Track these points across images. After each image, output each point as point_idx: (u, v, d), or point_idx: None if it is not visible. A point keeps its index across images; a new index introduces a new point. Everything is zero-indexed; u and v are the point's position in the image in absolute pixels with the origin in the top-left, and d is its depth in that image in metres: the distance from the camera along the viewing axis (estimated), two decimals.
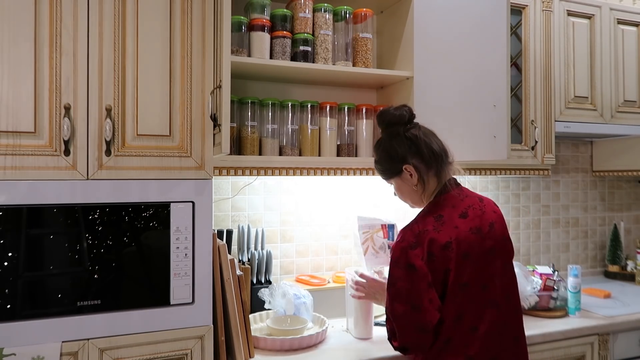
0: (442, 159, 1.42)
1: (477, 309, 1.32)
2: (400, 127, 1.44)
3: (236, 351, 1.49)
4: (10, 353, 1.22)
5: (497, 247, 1.37)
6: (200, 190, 1.42)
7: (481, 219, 1.37)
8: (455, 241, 1.31)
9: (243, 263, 1.86)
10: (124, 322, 1.34)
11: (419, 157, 1.41)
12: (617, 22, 2.32)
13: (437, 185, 1.43)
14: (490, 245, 1.35)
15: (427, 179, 1.42)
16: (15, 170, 1.26)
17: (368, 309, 1.73)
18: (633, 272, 2.58)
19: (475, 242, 1.33)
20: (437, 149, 1.42)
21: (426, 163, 1.41)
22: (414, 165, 1.41)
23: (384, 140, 1.48)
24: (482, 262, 1.33)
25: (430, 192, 1.44)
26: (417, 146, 1.41)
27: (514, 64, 2.11)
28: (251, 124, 1.76)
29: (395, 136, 1.44)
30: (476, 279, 1.32)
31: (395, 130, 1.45)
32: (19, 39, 1.27)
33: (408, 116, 1.45)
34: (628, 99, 2.35)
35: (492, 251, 1.36)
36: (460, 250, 1.31)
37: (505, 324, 1.35)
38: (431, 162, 1.41)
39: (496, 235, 1.38)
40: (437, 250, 1.31)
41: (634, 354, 2.00)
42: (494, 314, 1.33)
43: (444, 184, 1.42)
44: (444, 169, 1.43)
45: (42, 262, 1.27)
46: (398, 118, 1.44)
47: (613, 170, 2.63)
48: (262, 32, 1.72)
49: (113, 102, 1.35)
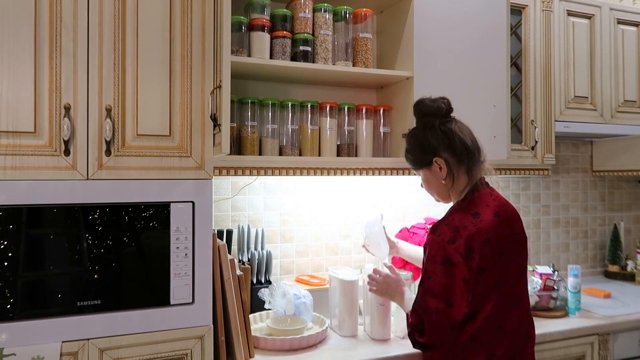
0: (474, 156, 1.40)
1: (505, 307, 1.32)
2: (436, 119, 1.42)
3: (236, 351, 1.49)
4: (10, 353, 1.22)
5: (523, 246, 1.39)
6: (200, 190, 1.42)
7: (512, 220, 1.38)
8: (494, 239, 1.32)
9: (243, 263, 1.86)
10: (124, 322, 1.34)
11: (451, 151, 1.39)
12: (617, 22, 2.32)
13: (467, 183, 1.42)
14: (520, 245, 1.38)
15: (457, 174, 1.40)
16: (15, 170, 1.26)
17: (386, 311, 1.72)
18: (633, 272, 2.58)
19: (509, 241, 1.35)
20: (470, 145, 1.39)
21: (458, 158, 1.39)
22: (444, 158, 1.40)
23: (417, 130, 1.46)
24: (513, 261, 1.35)
25: (459, 189, 1.43)
26: (451, 140, 1.39)
27: (514, 64, 2.11)
28: (251, 124, 1.76)
29: (429, 127, 1.42)
30: (507, 277, 1.33)
31: (430, 121, 1.42)
32: (19, 39, 1.27)
33: (445, 109, 1.42)
34: (628, 99, 2.35)
35: (520, 250, 1.38)
36: (497, 248, 1.32)
37: (528, 324, 1.38)
38: (463, 158, 1.39)
39: (521, 234, 1.40)
40: (477, 246, 1.30)
41: (634, 354, 2.00)
42: (519, 314, 1.35)
43: (475, 182, 1.41)
44: (475, 167, 1.41)
45: (42, 262, 1.27)
46: (435, 110, 1.42)
47: (613, 170, 2.63)
48: (262, 32, 1.72)
49: (113, 102, 1.35)
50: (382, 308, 1.70)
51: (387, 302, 1.70)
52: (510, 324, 1.33)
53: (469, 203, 1.39)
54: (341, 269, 1.82)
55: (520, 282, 1.39)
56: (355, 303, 1.74)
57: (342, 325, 1.74)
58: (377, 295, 1.64)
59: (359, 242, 2.18)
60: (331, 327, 1.80)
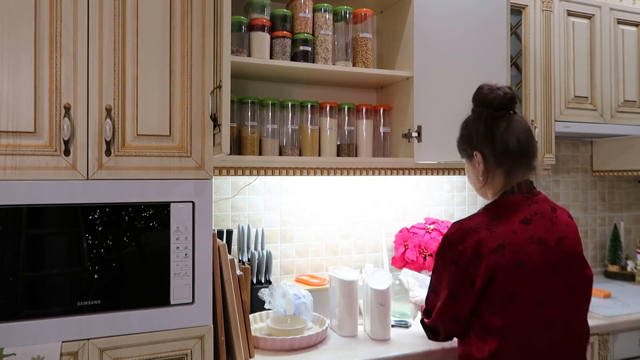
0: (517, 159, 1.29)
1: (531, 327, 1.21)
2: (486, 110, 1.31)
3: (236, 351, 1.49)
4: (10, 353, 1.22)
5: (562, 265, 1.24)
6: (200, 190, 1.42)
7: (548, 231, 1.25)
8: (510, 247, 1.21)
9: (243, 263, 1.86)
10: (124, 322, 1.33)
11: (490, 149, 1.29)
12: (617, 22, 2.33)
13: (504, 185, 1.31)
14: (554, 260, 1.23)
15: (493, 174, 1.31)
16: (15, 170, 1.26)
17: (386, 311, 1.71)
18: (633, 272, 2.58)
19: (535, 252, 1.22)
20: (514, 148, 1.27)
21: (496, 158, 1.29)
22: (483, 155, 1.31)
23: (469, 117, 1.37)
24: (541, 276, 1.22)
25: (496, 188, 1.33)
26: (493, 138, 1.28)
27: (514, 64, 2.11)
28: (251, 124, 1.76)
29: (477, 118, 1.33)
30: (531, 293, 1.21)
31: (479, 112, 1.33)
32: (19, 39, 1.27)
33: (499, 102, 1.29)
34: (628, 99, 2.35)
35: (554, 267, 1.23)
36: (515, 257, 1.21)
37: (563, 351, 1.23)
38: (502, 160, 1.29)
39: (564, 251, 1.25)
40: (485, 251, 1.21)
41: (634, 354, 2.00)
42: (550, 337, 1.22)
43: (512, 186, 1.30)
44: (517, 170, 1.30)
45: (42, 262, 1.27)
46: (488, 100, 1.30)
47: (613, 170, 2.63)
48: (262, 32, 1.72)
49: (113, 102, 1.35)
50: (382, 308, 1.70)
51: (387, 302, 1.70)
52: (540, 346, 1.21)
53: (495, 205, 1.31)
54: (341, 269, 1.82)
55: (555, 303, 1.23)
56: (355, 303, 1.74)
57: (342, 325, 1.74)
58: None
59: (359, 242, 2.19)
60: (331, 327, 1.80)
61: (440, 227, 2.15)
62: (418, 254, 2.07)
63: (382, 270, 1.83)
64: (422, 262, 2.06)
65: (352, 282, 1.74)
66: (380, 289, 1.70)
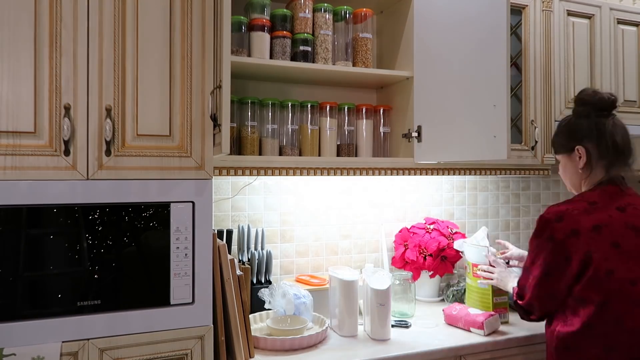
0: (619, 155, 1.41)
1: (625, 303, 1.30)
2: (593, 110, 1.43)
3: (236, 351, 1.49)
4: (10, 353, 1.22)
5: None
6: (200, 190, 1.42)
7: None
8: (607, 228, 1.32)
9: (243, 263, 1.86)
10: (124, 322, 1.34)
11: (595, 143, 1.41)
12: (617, 22, 2.32)
13: (602, 178, 1.42)
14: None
15: (595, 166, 1.42)
16: (15, 170, 1.26)
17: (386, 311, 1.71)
18: None
19: (629, 237, 1.33)
20: (618, 143, 1.40)
21: (600, 151, 1.41)
22: (586, 148, 1.42)
23: (571, 116, 1.50)
24: (634, 258, 1.32)
25: (594, 181, 1.44)
26: (600, 132, 1.40)
27: (514, 64, 2.11)
28: (251, 124, 1.76)
29: (583, 116, 1.45)
30: (625, 272, 1.31)
31: (585, 110, 1.45)
32: (19, 38, 1.27)
33: (605, 103, 1.43)
34: (628, 99, 2.35)
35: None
36: (611, 237, 1.32)
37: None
38: (606, 153, 1.41)
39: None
40: (584, 230, 1.32)
41: None
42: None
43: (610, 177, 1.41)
44: (617, 165, 1.41)
45: (42, 262, 1.27)
46: (594, 101, 1.44)
47: None
48: (262, 32, 1.72)
49: (113, 102, 1.35)
50: (382, 308, 1.70)
51: (388, 302, 1.70)
52: (632, 322, 1.30)
53: (590, 192, 1.42)
54: (341, 269, 1.82)
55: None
56: (355, 303, 1.74)
57: (342, 325, 1.74)
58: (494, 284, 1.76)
59: (359, 242, 2.19)
60: (331, 327, 1.80)
61: (440, 227, 2.15)
62: (418, 254, 2.07)
63: (382, 270, 1.83)
64: (422, 262, 2.06)
65: (352, 282, 1.74)
66: (380, 289, 1.71)
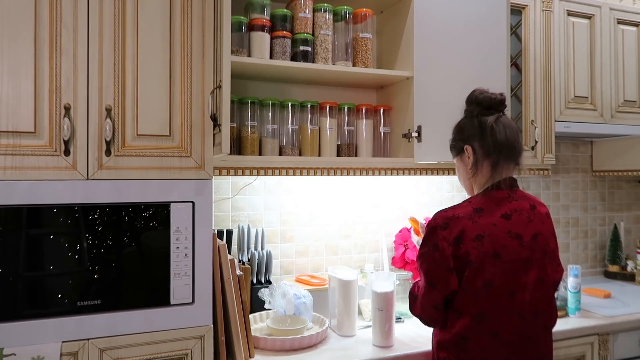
0: (503, 152, 1.38)
1: (501, 314, 1.29)
2: (480, 109, 1.42)
3: (236, 351, 1.49)
4: (10, 353, 1.22)
5: (534, 259, 1.33)
6: (200, 190, 1.42)
7: (525, 227, 1.34)
8: (489, 237, 1.30)
9: (243, 263, 1.86)
10: (124, 322, 1.34)
11: (480, 142, 1.39)
12: (617, 22, 2.33)
13: (489, 177, 1.40)
14: (527, 255, 1.32)
15: (482, 166, 1.40)
16: (15, 170, 1.26)
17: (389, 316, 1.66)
18: (633, 272, 2.58)
19: (511, 247, 1.31)
20: (501, 139, 1.37)
21: (485, 150, 1.39)
22: (473, 147, 1.41)
23: (462, 118, 1.49)
24: (514, 268, 1.30)
25: (481, 182, 1.42)
26: (483, 130, 1.39)
27: (514, 64, 2.11)
28: (251, 124, 1.76)
29: (469, 116, 1.45)
30: (504, 283, 1.29)
31: (473, 110, 1.44)
32: (19, 39, 1.27)
33: (489, 102, 1.42)
34: (628, 99, 2.35)
35: (527, 262, 1.32)
36: (492, 248, 1.30)
37: (531, 339, 1.32)
38: (490, 151, 1.38)
39: (537, 247, 1.34)
40: (466, 239, 1.30)
41: (634, 354, 2.00)
42: (519, 325, 1.30)
43: (497, 181, 1.39)
44: (502, 163, 1.39)
45: (42, 262, 1.27)
46: (481, 99, 1.43)
47: (613, 170, 2.63)
48: (262, 32, 1.72)
49: (113, 102, 1.35)
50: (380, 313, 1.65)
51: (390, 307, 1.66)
52: (507, 333, 1.29)
53: (478, 198, 1.39)
54: (340, 269, 1.82)
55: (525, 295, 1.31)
56: (354, 303, 1.74)
57: (342, 325, 1.74)
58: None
59: (359, 242, 2.19)
60: (331, 327, 1.80)
61: None
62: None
63: (386, 273, 1.79)
64: None
65: (351, 282, 1.73)
66: (383, 292, 1.67)
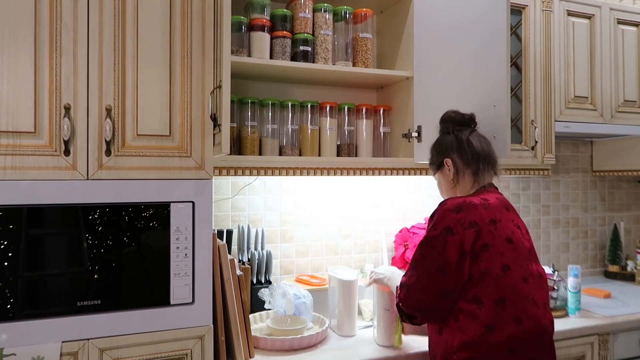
0: (482, 161, 1.48)
1: (520, 300, 1.29)
2: (454, 126, 1.53)
3: (236, 351, 1.49)
4: (10, 353, 1.22)
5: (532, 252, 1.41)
6: (200, 190, 1.42)
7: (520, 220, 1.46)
8: (500, 223, 1.35)
9: (243, 263, 1.86)
10: (124, 322, 1.34)
11: (458, 154, 1.49)
12: (617, 22, 2.32)
13: (473, 184, 1.49)
14: (528, 246, 1.40)
15: (463, 176, 1.49)
16: (15, 170, 1.26)
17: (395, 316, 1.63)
18: (633, 272, 2.58)
19: (517, 234, 1.37)
20: (479, 150, 1.48)
21: (464, 160, 1.48)
22: (452, 159, 1.49)
23: (438, 136, 1.58)
24: (523, 255, 1.35)
25: (466, 190, 1.49)
26: (460, 143, 1.49)
27: (514, 64, 2.11)
28: (251, 124, 1.76)
29: (445, 133, 1.55)
30: (518, 268, 1.32)
31: (448, 127, 1.55)
32: (19, 39, 1.27)
33: (461, 119, 1.54)
34: (628, 99, 2.35)
35: (529, 252, 1.39)
36: (505, 233, 1.34)
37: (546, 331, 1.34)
38: (470, 161, 1.48)
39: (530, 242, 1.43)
40: (482, 222, 1.32)
41: (634, 354, 2.00)
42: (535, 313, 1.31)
43: (482, 186, 1.48)
44: (482, 170, 1.48)
45: (42, 262, 1.27)
46: (453, 117, 1.55)
47: (613, 170, 2.63)
48: (262, 32, 1.72)
49: (113, 102, 1.35)
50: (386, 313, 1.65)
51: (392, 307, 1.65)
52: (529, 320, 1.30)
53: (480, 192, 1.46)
54: (340, 269, 1.82)
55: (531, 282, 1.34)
56: (354, 303, 1.74)
57: (342, 325, 1.74)
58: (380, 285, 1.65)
59: (359, 242, 2.19)
60: (331, 327, 1.80)
61: None
62: None
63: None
64: None
65: (351, 282, 1.73)
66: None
